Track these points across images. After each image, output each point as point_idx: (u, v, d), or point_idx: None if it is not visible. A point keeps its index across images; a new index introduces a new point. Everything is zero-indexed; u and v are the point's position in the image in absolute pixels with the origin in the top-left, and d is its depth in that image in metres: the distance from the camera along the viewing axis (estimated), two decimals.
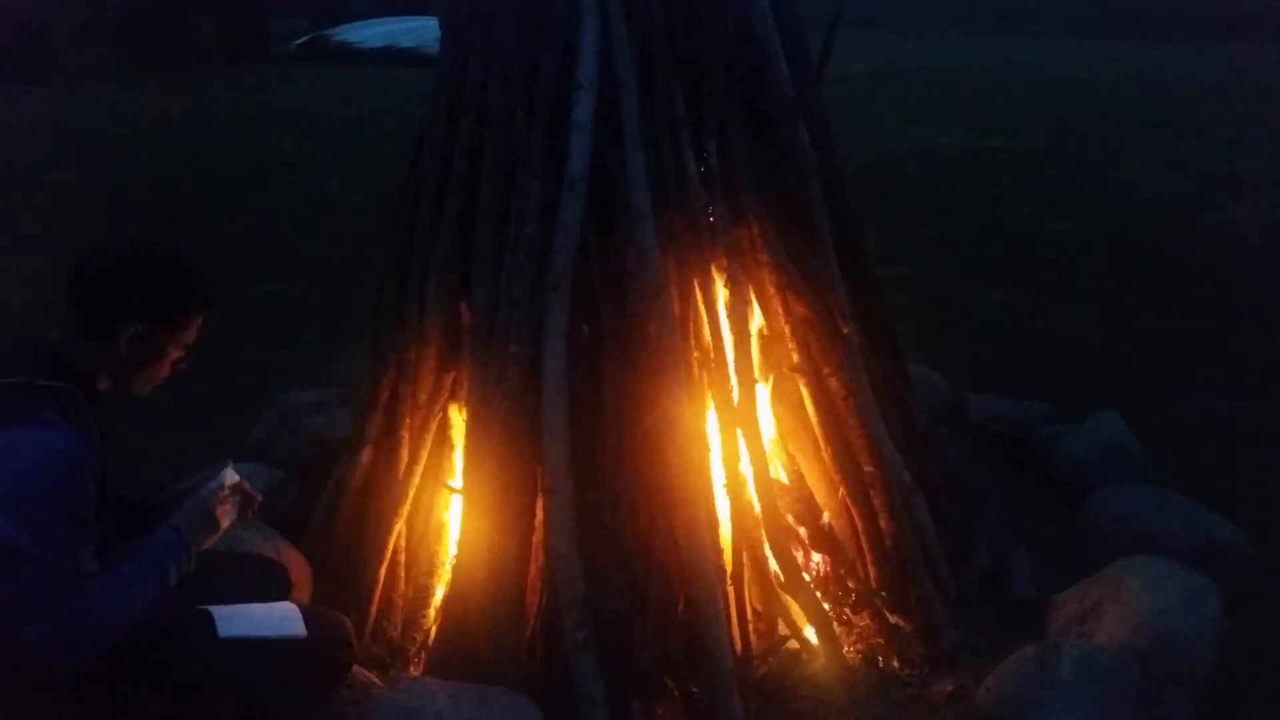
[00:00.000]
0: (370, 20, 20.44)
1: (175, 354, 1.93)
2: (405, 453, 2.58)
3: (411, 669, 2.40)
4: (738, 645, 2.44)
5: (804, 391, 2.60)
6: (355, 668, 2.22)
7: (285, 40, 18.46)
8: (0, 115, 10.85)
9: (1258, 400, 4.08)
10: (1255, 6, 17.16)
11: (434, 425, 2.57)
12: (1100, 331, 4.94)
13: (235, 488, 1.99)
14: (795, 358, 2.57)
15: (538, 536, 2.34)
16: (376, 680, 2.25)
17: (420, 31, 16.98)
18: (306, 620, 2.02)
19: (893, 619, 2.57)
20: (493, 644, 2.28)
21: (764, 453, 2.50)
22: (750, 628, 2.50)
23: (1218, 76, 12.14)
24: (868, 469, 2.61)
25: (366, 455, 2.68)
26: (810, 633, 2.49)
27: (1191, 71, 12.68)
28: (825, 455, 2.64)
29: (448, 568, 2.52)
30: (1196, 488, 3.06)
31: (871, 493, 2.61)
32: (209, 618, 1.92)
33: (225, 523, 1.96)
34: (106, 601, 1.70)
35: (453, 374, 2.54)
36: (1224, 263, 5.86)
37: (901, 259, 5.81)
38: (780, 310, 2.54)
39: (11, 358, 1.79)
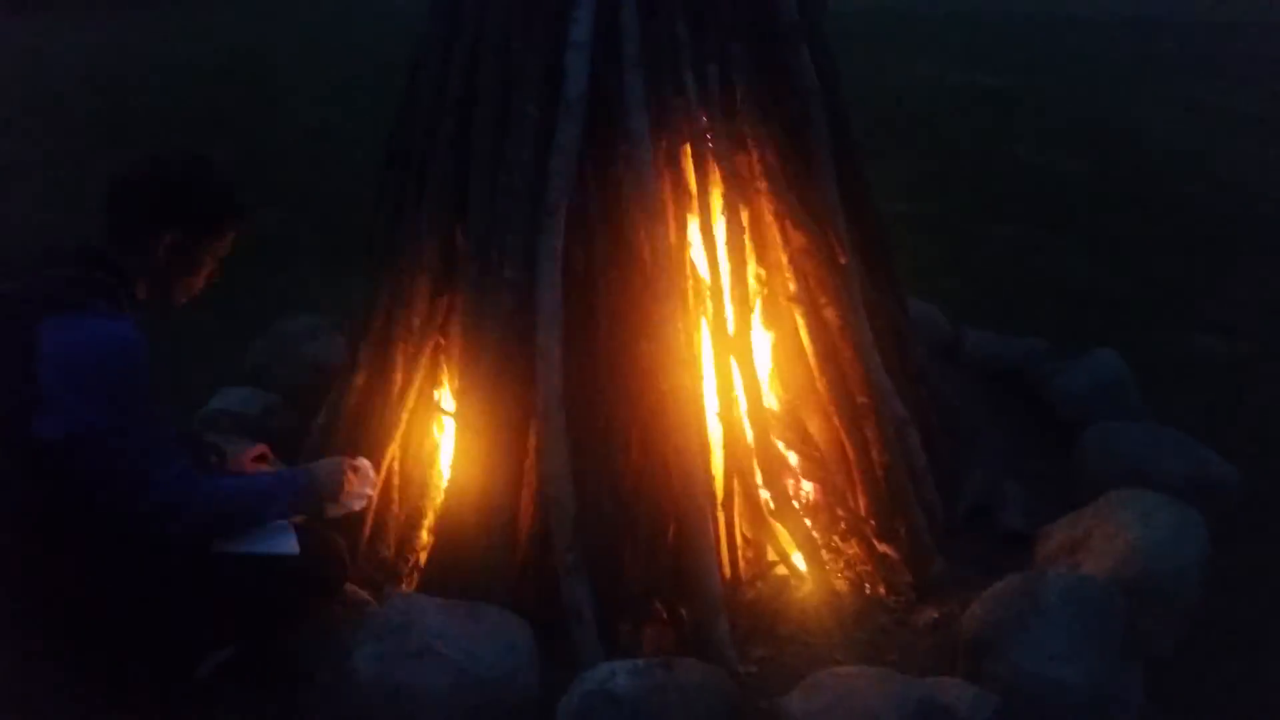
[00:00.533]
0: None
1: (210, 264, 2.01)
2: (399, 377, 2.58)
3: (404, 588, 2.42)
4: (727, 570, 2.47)
5: (800, 321, 2.59)
6: (349, 586, 2.25)
7: None
8: (4, 45, 10.70)
9: (1258, 340, 4.07)
10: None
11: (428, 350, 2.56)
12: (1103, 270, 4.92)
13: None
14: (792, 287, 2.56)
15: (530, 460, 2.35)
16: (370, 599, 2.28)
17: None
18: (300, 537, 2.04)
19: (881, 547, 2.60)
20: (484, 564, 2.31)
21: (758, 381, 2.50)
22: (740, 554, 2.52)
23: (1239, 15, 11.89)
24: (861, 400, 2.62)
25: (361, 379, 2.68)
26: (799, 559, 2.52)
27: (1212, 11, 12.43)
28: (819, 385, 2.64)
29: (441, 490, 2.53)
30: (1193, 425, 3.07)
31: (864, 423, 2.62)
32: None
33: (350, 500, 2.18)
34: (213, 484, 1.91)
35: (447, 299, 2.53)
36: (1231, 203, 5.81)
37: (905, 195, 5.76)
38: (778, 239, 2.52)
39: (58, 255, 1.85)
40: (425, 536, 2.52)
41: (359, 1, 13.26)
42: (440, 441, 2.62)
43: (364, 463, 2.27)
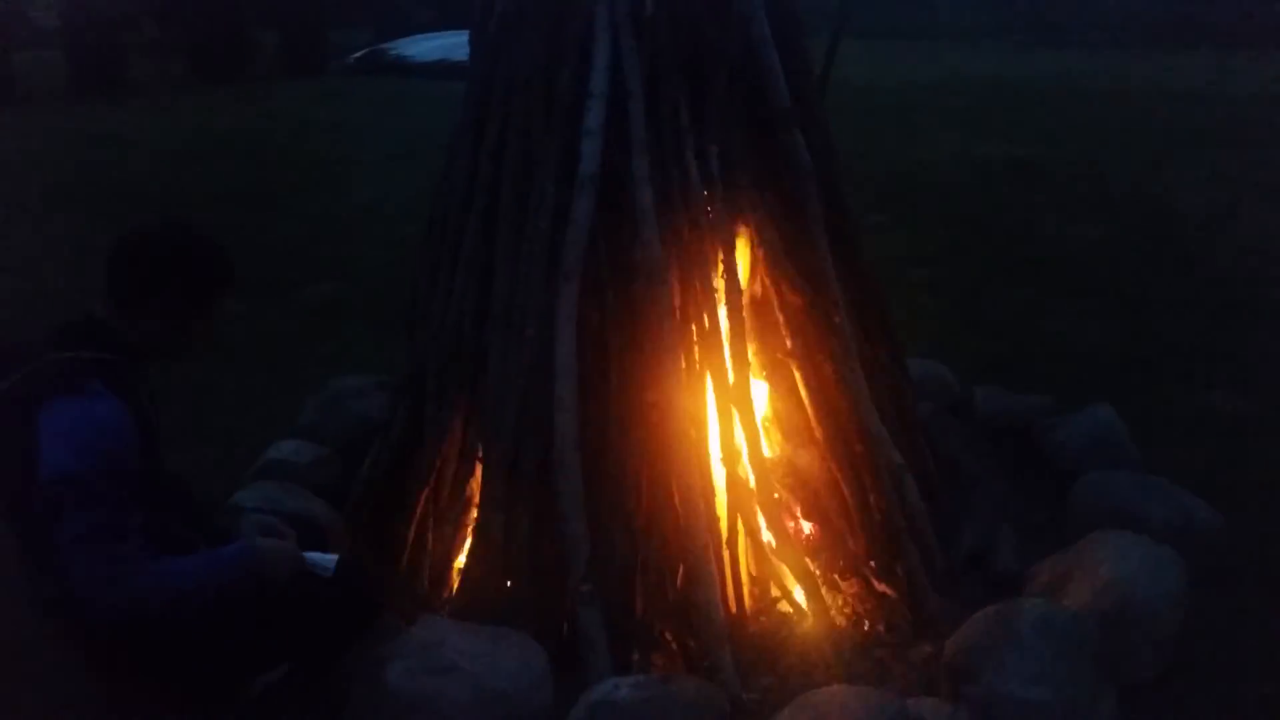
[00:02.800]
0: (427, 34, 20.95)
1: (204, 325, 2.11)
2: (433, 428, 2.86)
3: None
4: (732, 605, 2.68)
5: (797, 375, 2.82)
6: (387, 615, 2.49)
7: (345, 53, 19.02)
8: (78, 126, 11.43)
9: (1262, 400, 4.19)
10: None
11: (459, 403, 2.84)
12: (1114, 331, 5.06)
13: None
14: (789, 344, 2.80)
15: (549, 500, 2.59)
16: (405, 626, 2.51)
17: None
18: (342, 569, 2.27)
19: (879, 587, 2.78)
20: (507, 596, 2.55)
21: (757, 429, 2.73)
22: (744, 589, 2.73)
23: (1259, 86, 12.02)
24: (858, 448, 2.83)
25: (399, 431, 2.97)
26: (800, 595, 2.71)
27: (1233, 81, 12.58)
28: (818, 434, 2.86)
29: (469, 529, 2.78)
30: (1190, 479, 3.20)
31: (861, 470, 2.82)
32: None
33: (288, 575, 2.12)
34: (156, 568, 1.91)
35: (477, 357, 2.81)
36: (1250, 270, 5.92)
37: (924, 262, 5.97)
38: (775, 299, 2.77)
39: (66, 334, 2.01)
40: (455, 571, 2.76)
41: (410, 87, 13.95)
42: (470, 486, 2.88)
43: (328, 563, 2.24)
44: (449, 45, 18.89)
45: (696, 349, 2.66)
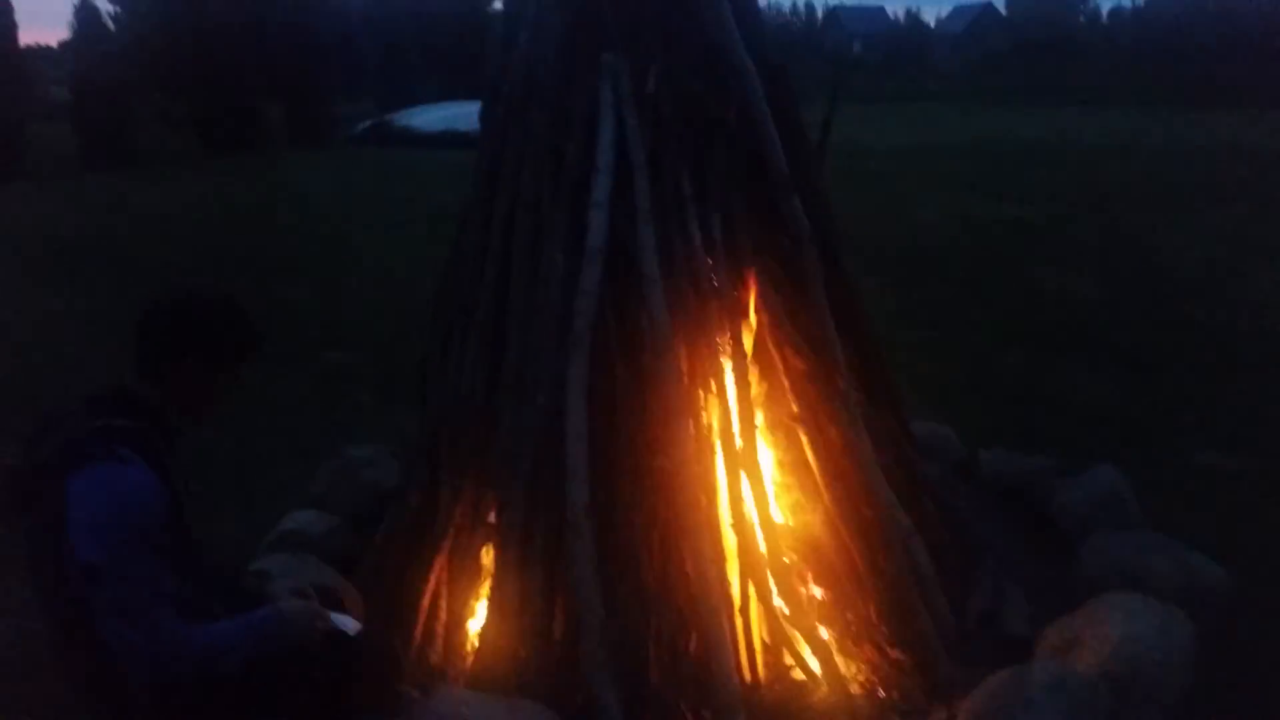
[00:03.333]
0: (431, 105, 21.40)
1: (231, 386, 2.17)
2: (446, 496, 2.88)
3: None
4: (746, 673, 2.67)
5: (804, 440, 2.85)
6: (402, 685, 2.49)
7: (351, 124, 19.40)
8: (88, 197, 11.63)
9: (1262, 458, 4.22)
10: None
11: (472, 471, 2.87)
12: (1113, 389, 5.11)
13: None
14: (795, 408, 2.84)
15: (561, 567, 2.61)
16: (420, 696, 2.51)
17: (477, 116, 17.73)
18: (358, 641, 2.28)
19: (892, 653, 2.78)
20: (521, 665, 2.55)
21: (766, 494, 2.75)
22: (758, 657, 2.73)
23: (1257, 143, 12.23)
24: (866, 512, 2.85)
25: (413, 499, 2.99)
26: (813, 663, 2.71)
27: (1231, 139, 12.79)
28: (826, 499, 2.88)
29: (483, 597, 2.79)
30: (1196, 537, 3.22)
31: (871, 534, 2.84)
32: None
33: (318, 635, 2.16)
34: (191, 635, 1.95)
35: (489, 424, 2.85)
36: (1245, 327, 5.99)
37: (926, 322, 6.05)
38: (779, 364, 2.82)
39: (97, 403, 2.06)
40: (470, 641, 2.77)
41: (420, 159, 14.20)
42: (482, 554, 2.89)
43: (350, 625, 2.29)
44: (452, 116, 19.29)
45: (704, 414, 2.70)
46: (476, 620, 2.79)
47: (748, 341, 2.79)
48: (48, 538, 1.93)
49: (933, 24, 78.59)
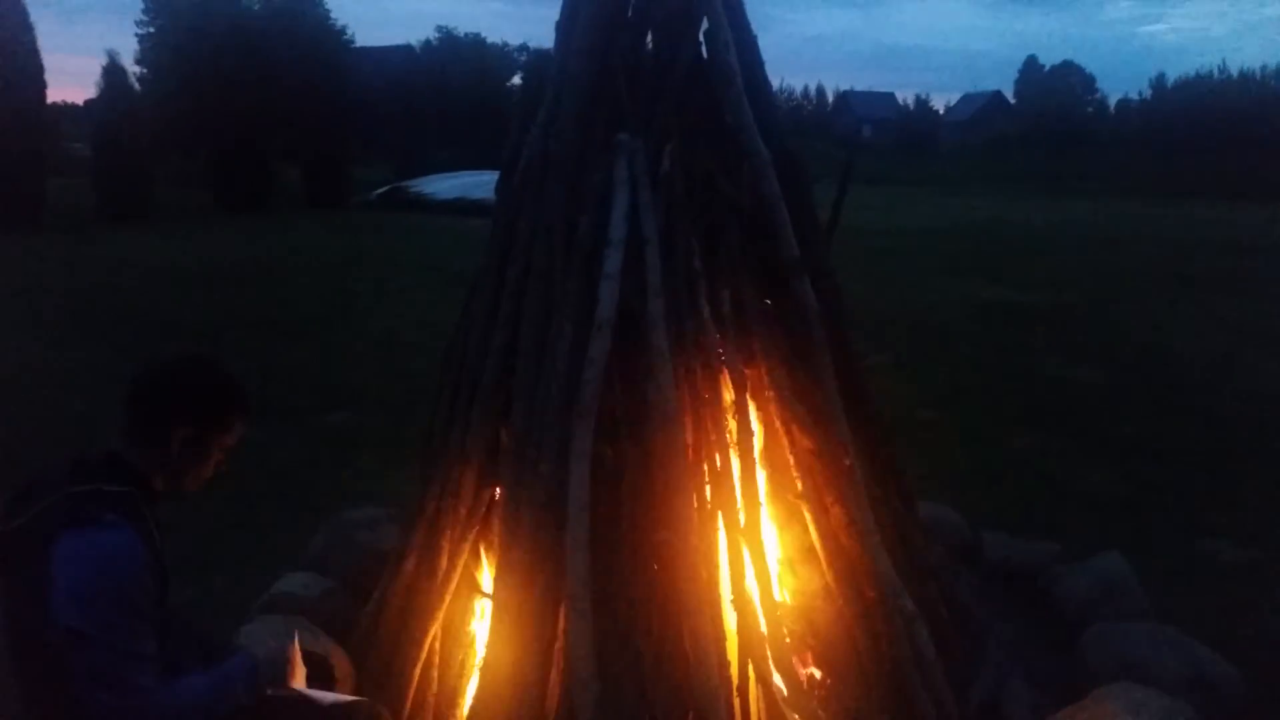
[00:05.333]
0: (446, 173, 21.77)
1: (219, 455, 2.15)
2: (444, 562, 2.86)
3: None
4: None
5: (808, 518, 2.84)
6: None
7: (367, 190, 19.70)
8: (104, 253, 11.77)
9: (1267, 548, 4.18)
10: None
11: (471, 538, 2.85)
12: (1117, 476, 5.09)
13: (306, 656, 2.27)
14: (800, 486, 2.82)
15: (559, 641, 2.58)
16: None
17: (490, 185, 18.01)
18: (348, 710, 2.25)
19: None
20: None
21: (768, 571, 2.73)
22: None
23: (1260, 232, 12.35)
24: (869, 594, 2.82)
25: (409, 564, 2.96)
26: None
27: (1238, 230, 12.93)
28: (829, 578, 2.85)
29: (476, 669, 2.75)
30: (1199, 627, 3.18)
31: (873, 616, 2.81)
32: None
33: (295, 680, 2.21)
34: (169, 694, 1.94)
35: (490, 491, 2.84)
36: (1251, 416, 5.98)
37: (933, 404, 6.05)
38: (785, 441, 2.81)
39: (84, 467, 2.05)
40: (461, 711, 2.72)
41: (428, 222, 14.39)
42: (477, 624, 2.86)
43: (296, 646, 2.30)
44: (466, 184, 19.62)
45: (708, 489, 2.69)
46: (469, 692, 2.75)
47: (754, 418, 2.79)
48: (28, 598, 1.92)
49: (942, 110, 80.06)
